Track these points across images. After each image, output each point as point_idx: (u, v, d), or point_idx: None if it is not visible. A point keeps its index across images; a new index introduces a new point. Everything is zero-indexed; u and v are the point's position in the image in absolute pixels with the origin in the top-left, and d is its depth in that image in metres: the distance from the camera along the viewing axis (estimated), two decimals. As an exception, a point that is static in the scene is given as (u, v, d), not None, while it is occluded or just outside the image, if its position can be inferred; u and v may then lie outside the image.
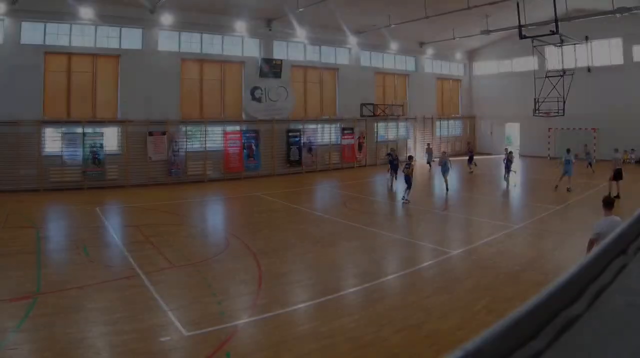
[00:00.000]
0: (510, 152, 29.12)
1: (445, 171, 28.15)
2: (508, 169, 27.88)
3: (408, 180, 23.76)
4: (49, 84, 28.89)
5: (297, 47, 38.72)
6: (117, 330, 9.47)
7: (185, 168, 32.48)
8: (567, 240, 16.51)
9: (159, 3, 30.30)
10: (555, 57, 37.02)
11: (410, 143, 45.98)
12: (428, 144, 39.84)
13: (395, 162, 30.08)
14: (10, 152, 27.12)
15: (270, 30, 36.10)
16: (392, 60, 45.15)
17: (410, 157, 28.16)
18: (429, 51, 47.04)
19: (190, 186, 31.21)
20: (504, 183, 28.15)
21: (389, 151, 33.24)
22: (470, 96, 52.21)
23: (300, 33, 36.84)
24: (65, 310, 10.41)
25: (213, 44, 34.65)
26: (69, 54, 29.43)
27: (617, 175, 23.77)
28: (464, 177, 35.57)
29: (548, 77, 34.58)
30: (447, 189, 27.17)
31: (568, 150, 26.27)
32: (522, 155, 47.01)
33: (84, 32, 29.89)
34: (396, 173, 29.21)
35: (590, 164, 34.44)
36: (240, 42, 35.64)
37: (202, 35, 33.95)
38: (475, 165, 35.81)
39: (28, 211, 22.31)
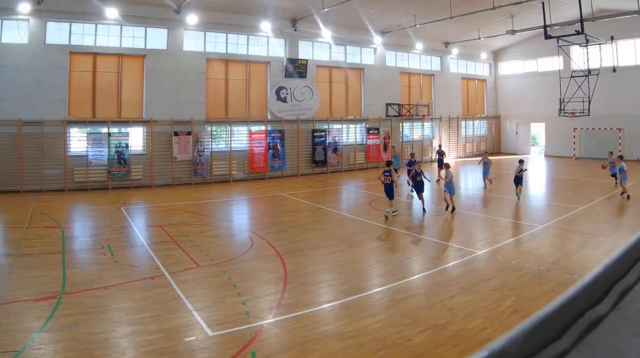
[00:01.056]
0: (522, 162, 25.23)
1: (486, 172, 27.01)
2: (519, 182, 22.99)
3: (417, 186, 21.66)
4: (74, 83, 27.94)
5: (322, 47, 37.40)
6: (142, 330, 9.26)
7: (210, 168, 31.42)
8: (592, 240, 16.11)
9: (184, 3, 29.31)
10: (581, 57, 35.78)
11: (435, 143, 43.77)
12: (439, 146, 34.98)
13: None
14: (35, 152, 26.32)
15: (295, 30, 34.90)
16: (417, 60, 43.56)
17: (412, 155, 27.32)
18: (454, 51, 45.33)
19: (215, 186, 30.35)
20: (515, 198, 23.33)
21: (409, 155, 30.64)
22: (495, 96, 50.29)
23: (326, 33, 35.59)
24: (90, 310, 10.19)
25: (238, 44, 33.45)
26: (94, 54, 28.48)
27: None
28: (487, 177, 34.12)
29: (573, 77, 34.16)
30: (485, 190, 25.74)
31: (612, 153, 25.06)
32: (547, 155, 45.74)
33: (110, 32, 28.90)
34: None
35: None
36: (265, 42, 34.41)
37: (227, 35, 32.79)
38: (446, 177, 30.33)
39: (53, 211, 21.61)
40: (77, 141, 28.22)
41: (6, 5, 25.38)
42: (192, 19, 30.57)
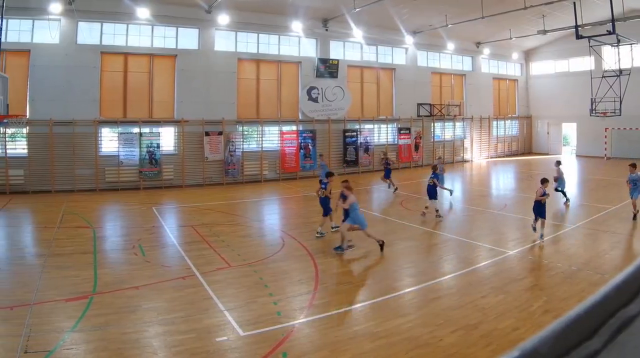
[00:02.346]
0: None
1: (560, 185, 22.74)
2: (541, 213, 15.49)
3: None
4: (105, 83, 26.73)
5: (353, 47, 35.55)
6: (173, 330, 8.96)
7: (242, 168, 29.97)
8: (624, 240, 15.78)
9: (215, 3, 27.89)
10: (612, 57, 34.12)
11: (467, 143, 42.40)
12: (384, 154, 31.37)
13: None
14: (67, 152, 25.18)
15: (326, 30, 33.15)
16: (448, 60, 41.43)
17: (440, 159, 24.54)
18: (486, 51, 43.04)
19: (246, 186, 29.00)
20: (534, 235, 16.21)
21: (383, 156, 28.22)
22: (527, 96, 47.82)
23: (357, 33, 33.74)
24: (121, 310, 9.89)
25: (269, 44, 31.91)
26: (126, 54, 27.24)
27: None
28: (518, 178, 32.91)
29: (604, 77, 32.95)
30: (567, 200, 21.52)
31: (633, 165, 17.96)
32: (578, 155, 43.40)
33: (141, 32, 27.64)
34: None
35: None
36: (296, 42, 32.83)
37: (258, 35, 31.26)
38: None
39: (84, 211, 20.63)
40: (109, 141, 27.03)
41: (38, 6, 24.24)
42: (223, 19, 29.18)
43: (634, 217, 17.41)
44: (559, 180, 21.20)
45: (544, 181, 15.85)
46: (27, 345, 8.14)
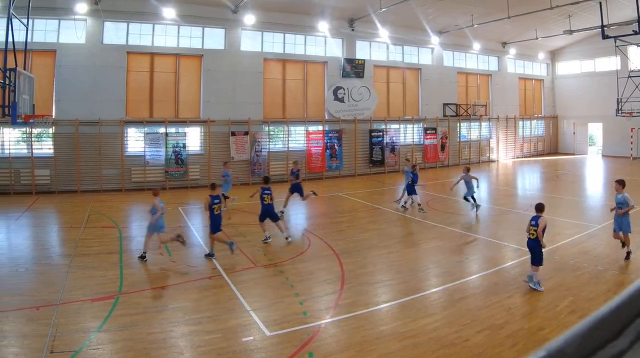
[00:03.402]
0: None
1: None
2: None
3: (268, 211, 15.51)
4: (131, 83, 25.44)
5: (379, 47, 33.76)
6: (199, 330, 8.70)
7: (268, 168, 28.45)
8: None
9: (241, 3, 26.43)
10: (638, 57, 33.44)
11: (493, 143, 40.26)
12: (411, 163, 23.52)
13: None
14: (93, 152, 23.98)
15: (352, 30, 31.49)
16: (474, 60, 39.30)
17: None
18: (512, 51, 40.81)
19: (272, 186, 27.46)
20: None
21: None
22: (552, 96, 45.41)
23: (383, 33, 32.01)
24: (147, 310, 9.64)
25: (295, 44, 30.34)
26: (152, 54, 25.90)
27: None
28: (544, 178, 31.32)
29: (631, 77, 32.37)
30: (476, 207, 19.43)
31: (620, 183, 12.84)
32: (604, 155, 41.15)
33: (167, 32, 26.27)
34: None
35: None
36: (322, 42, 31.15)
37: (284, 35, 29.72)
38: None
39: (110, 211, 19.76)
40: (135, 141, 25.77)
41: (64, 6, 23.02)
42: (249, 19, 27.70)
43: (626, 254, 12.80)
44: (468, 186, 19.21)
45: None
46: (53, 345, 7.84)
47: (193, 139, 27.16)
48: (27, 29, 18.75)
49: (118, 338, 8.33)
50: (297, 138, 30.24)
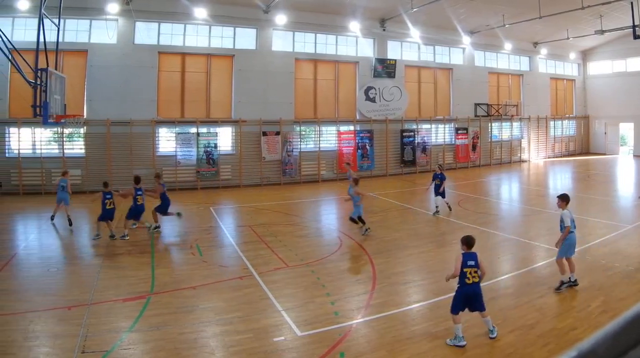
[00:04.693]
0: None
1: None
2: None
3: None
4: (162, 83, 23.78)
5: (410, 47, 31.37)
6: (230, 330, 8.18)
7: (299, 168, 26.58)
8: None
9: (273, 3, 24.50)
10: None
11: (524, 143, 37.42)
12: (348, 164, 24.58)
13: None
14: (124, 152, 22.37)
15: (384, 30, 29.16)
16: (506, 60, 36.53)
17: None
18: (543, 51, 37.86)
19: (303, 186, 25.77)
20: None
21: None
22: (584, 96, 42.12)
23: (414, 33, 29.58)
24: (178, 310, 9.03)
25: (327, 44, 28.23)
26: (183, 54, 24.19)
27: None
28: (576, 178, 29.18)
29: None
30: None
31: (563, 198, 10.56)
32: (635, 155, 38.10)
33: (198, 32, 24.51)
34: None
35: None
36: (354, 42, 28.96)
37: (316, 35, 27.66)
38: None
39: None
40: (166, 141, 24.10)
41: (95, 6, 21.43)
42: (280, 19, 25.79)
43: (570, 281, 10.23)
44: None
45: None
46: (84, 345, 7.47)
47: (224, 139, 25.34)
48: (58, 29, 17.54)
49: (149, 339, 7.82)
50: (328, 138, 28.15)
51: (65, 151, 22.04)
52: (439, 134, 32.56)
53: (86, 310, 8.85)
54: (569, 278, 9.90)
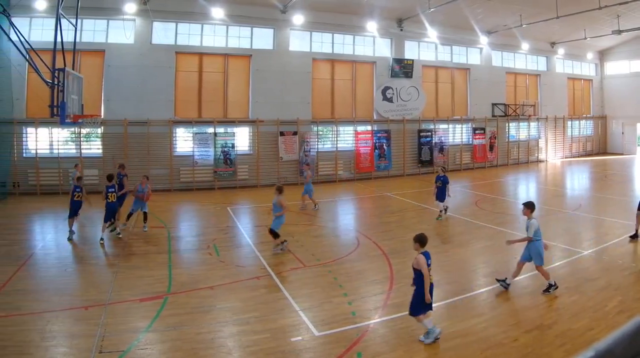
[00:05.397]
0: None
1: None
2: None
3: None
4: (179, 83, 22.76)
5: (428, 47, 29.98)
6: (248, 330, 7.87)
7: (317, 168, 25.38)
8: None
9: (290, 3, 23.37)
10: None
11: (541, 143, 35.78)
12: (307, 165, 21.14)
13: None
14: (142, 152, 21.37)
15: (401, 30, 27.84)
16: (523, 60, 34.88)
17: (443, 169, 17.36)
18: (560, 51, 36.14)
19: (321, 186, 24.21)
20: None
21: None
22: (601, 96, 40.28)
23: (432, 33, 28.24)
24: (195, 310, 8.71)
25: (344, 44, 26.95)
26: (200, 54, 23.14)
27: None
28: (593, 178, 27.85)
29: None
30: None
31: (528, 205, 9.96)
32: (653, 156, 35.90)
33: (216, 32, 23.43)
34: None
35: None
36: (371, 42, 27.63)
37: (333, 35, 26.40)
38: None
39: (159, 211, 17.50)
40: (183, 141, 23.05)
41: (112, 6, 20.45)
42: (298, 19, 24.64)
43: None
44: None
45: None
46: (101, 345, 7.22)
47: (242, 138, 24.23)
48: (75, 29, 16.60)
49: (166, 339, 7.55)
50: (345, 138, 26.86)
51: (83, 151, 21.13)
52: (456, 134, 31.21)
53: (103, 310, 8.55)
54: (507, 280, 9.72)
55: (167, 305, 8.83)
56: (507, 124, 33.45)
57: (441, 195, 16.21)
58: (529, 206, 9.68)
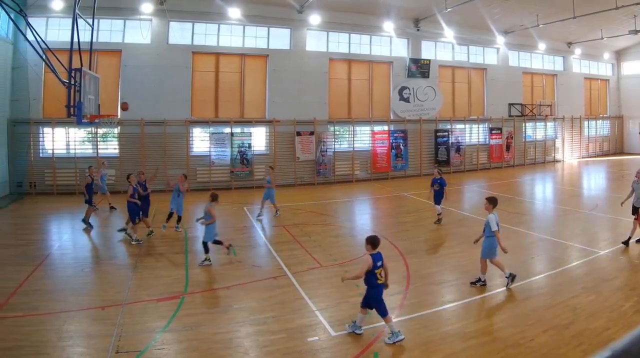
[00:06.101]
0: None
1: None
2: None
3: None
4: (196, 83, 21.74)
5: (444, 47, 28.58)
6: (264, 330, 7.45)
7: (333, 168, 24.22)
8: None
9: (307, 3, 22.20)
10: None
11: (558, 143, 34.26)
12: (271, 168, 17.80)
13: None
14: (158, 152, 20.38)
15: (418, 30, 26.52)
16: (540, 60, 33.27)
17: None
18: (577, 51, 34.42)
19: (337, 186, 23.45)
20: None
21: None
22: (618, 96, 38.43)
23: (448, 33, 26.87)
24: (212, 310, 8.40)
25: (361, 44, 25.68)
26: (217, 54, 22.07)
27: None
28: (610, 178, 26.53)
29: None
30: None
31: (491, 201, 9.90)
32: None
33: (232, 32, 22.34)
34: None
35: None
36: (388, 42, 26.31)
37: (350, 35, 25.14)
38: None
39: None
40: (200, 141, 21.98)
41: (129, 6, 19.47)
42: (314, 19, 23.47)
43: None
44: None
45: None
46: (118, 345, 6.88)
47: (258, 139, 23.11)
48: (92, 29, 15.77)
49: (183, 338, 7.24)
50: (362, 138, 25.60)
51: (99, 151, 20.22)
52: (473, 134, 29.78)
53: (120, 310, 8.20)
54: (480, 278, 9.41)
55: (184, 305, 8.45)
56: (523, 124, 31.95)
57: (438, 198, 14.75)
58: (492, 201, 9.50)
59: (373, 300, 7.11)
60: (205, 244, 11.10)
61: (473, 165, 29.31)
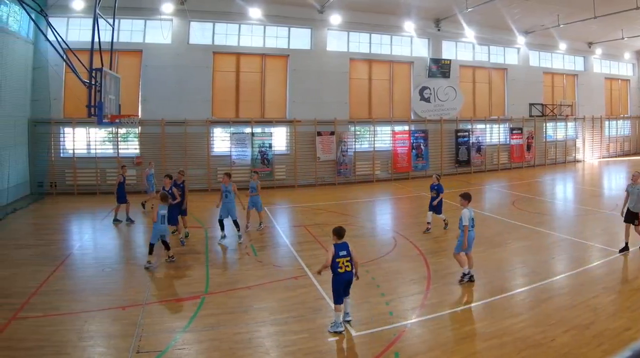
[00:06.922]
0: None
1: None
2: None
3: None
4: (217, 83, 20.51)
5: (465, 47, 26.94)
6: (285, 330, 7.06)
7: (354, 168, 22.91)
8: None
9: (327, 3, 20.86)
10: None
11: (579, 143, 32.46)
12: (256, 173, 15.12)
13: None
14: (179, 152, 19.27)
15: (438, 30, 24.98)
16: (560, 60, 31.40)
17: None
18: (598, 51, 32.43)
19: (358, 186, 22.14)
20: None
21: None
22: (639, 96, 36.11)
23: (469, 33, 25.32)
24: (233, 310, 7.83)
25: (381, 44, 24.26)
26: (238, 54, 20.85)
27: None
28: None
29: None
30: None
31: (465, 196, 9.48)
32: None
33: (253, 32, 21.10)
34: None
35: None
36: (408, 42, 24.81)
37: (370, 35, 23.71)
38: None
39: (196, 211, 15.86)
40: (221, 141, 20.78)
41: (150, 6, 18.35)
42: (335, 19, 22.12)
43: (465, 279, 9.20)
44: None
45: None
46: (139, 345, 6.49)
47: (279, 139, 21.81)
48: (113, 29, 14.78)
49: (204, 338, 6.82)
50: (383, 138, 24.14)
51: (120, 151, 19.17)
52: (493, 134, 28.13)
53: (141, 310, 7.84)
54: (468, 272, 9.01)
55: (205, 305, 8.06)
56: (544, 124, 30.16)
57: (437, 205, 13.17)
58: (466, 197, 9.16)
59: (333, 286, 6.97)
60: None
61: (494, 165, 27.78)
